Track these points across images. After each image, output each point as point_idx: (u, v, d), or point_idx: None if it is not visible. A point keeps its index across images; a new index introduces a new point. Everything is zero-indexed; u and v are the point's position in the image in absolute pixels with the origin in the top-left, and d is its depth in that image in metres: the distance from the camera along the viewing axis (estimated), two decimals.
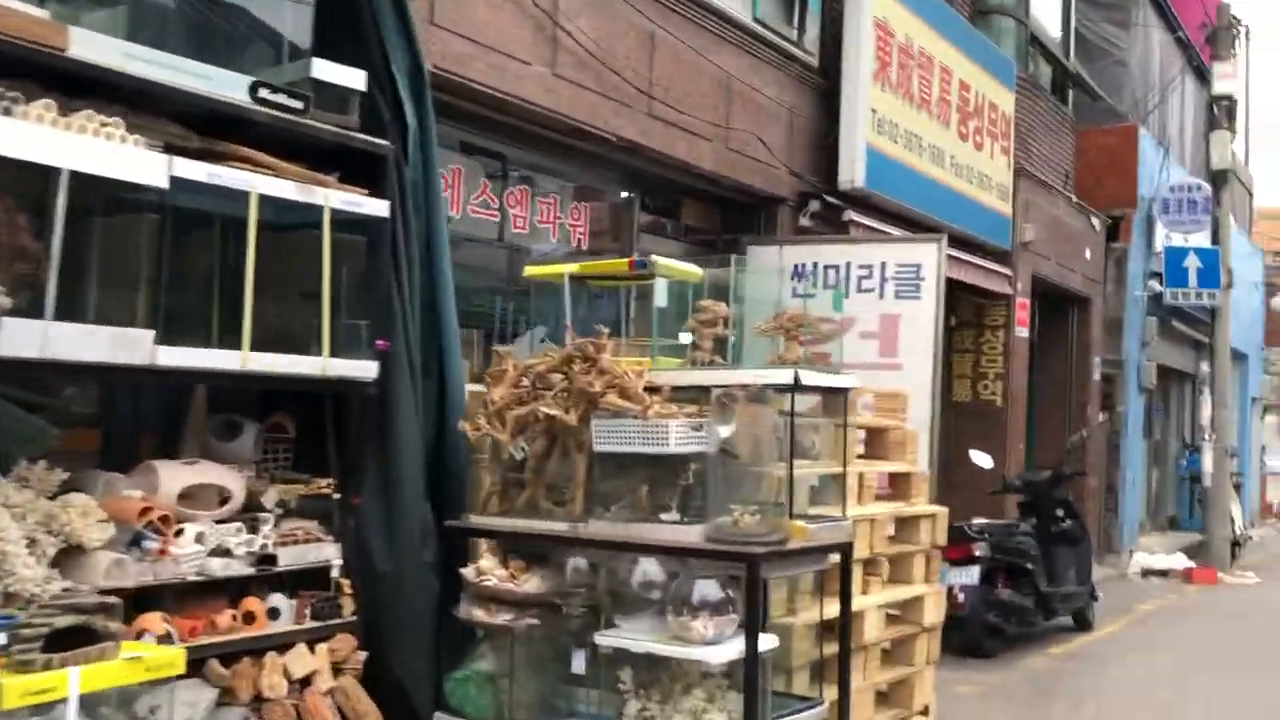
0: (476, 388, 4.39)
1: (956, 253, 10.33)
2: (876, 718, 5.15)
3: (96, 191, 3.27)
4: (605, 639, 3.70)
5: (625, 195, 8.27)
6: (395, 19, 4.29)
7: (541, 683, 4.01)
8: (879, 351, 8.47)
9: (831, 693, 4.14)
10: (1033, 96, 13.05)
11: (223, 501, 3.74)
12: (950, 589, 8.52)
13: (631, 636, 3.65)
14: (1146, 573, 14.60)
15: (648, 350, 4.37)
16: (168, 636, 3.39)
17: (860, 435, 5.56)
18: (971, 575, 8.56)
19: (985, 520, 9.18)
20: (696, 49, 7.79)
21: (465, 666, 4.13)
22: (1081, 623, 9.93)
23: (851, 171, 9.03)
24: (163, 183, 3.31)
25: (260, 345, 3.64)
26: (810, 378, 3.80)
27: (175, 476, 3.59)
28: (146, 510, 3.40)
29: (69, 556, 3.22)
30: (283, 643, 3.75)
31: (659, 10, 7.43)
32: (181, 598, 3.63)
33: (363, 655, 3.92)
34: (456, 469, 4.41)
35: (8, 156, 2.94)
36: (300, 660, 3.74)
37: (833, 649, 4.89)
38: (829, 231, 9.02)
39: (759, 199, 8.83)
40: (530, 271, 4.53)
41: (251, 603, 3.70)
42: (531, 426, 4.09)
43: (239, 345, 3.53)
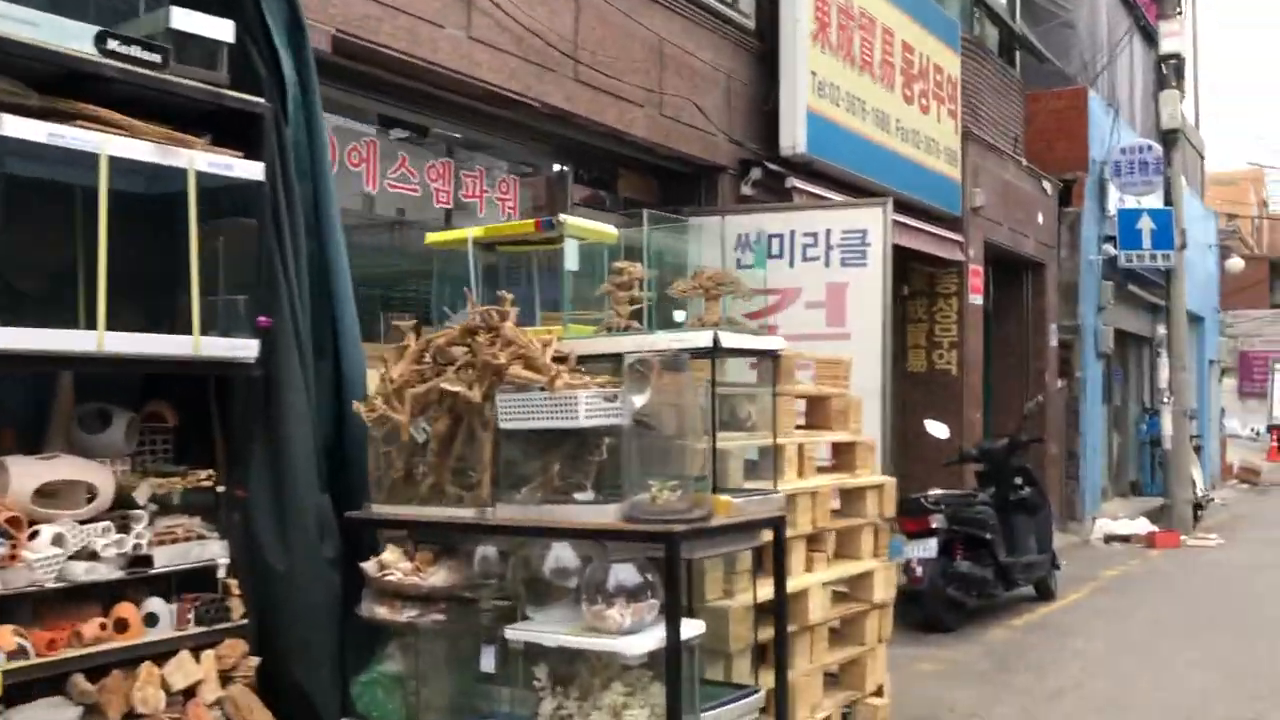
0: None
1: (905, 219, 10.08)
2: (826, 701, 4.86)
3: None
4: (515, 633, 3.39)
5: (557, 168, 7.94)
6: None
7: (454, 683, 3.69)
8: (826, 321, 8.19)
9: (770, 679, 3.85)
10: (979, 59, 12.80)
11: (90, 500, 3.39)
12: (907, 562, 8.31)
13: (542, 630, 3.34)
14: (1109, 539, 14.48)
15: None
16: (21, 651, 3.05)
17: (800, 405, 5.27)
18: (929, 548, 8.32)
19: (942, 491, 8.94)
20: (625, 11, 7.46)
21: (372, 669, 3.81)
22: (1044, 592, 9.72)
23: (793, 137, 8.73)
24: None
25: (121, 325, 3.30)
26: (731, 340, 3.50)
27: (28, 473, 3.23)
28: None
29: None
30: (163, 651, 3.41)
31: None
32: (45, 607, 3.29)
33: (254, 661, 3.59)
34: (357, 456, 4.07)
35: None
36: (182, 670, 3.40)
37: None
38: (772, 200, 8.73)
39: (699, 168, 8.52)
40: (431, 239, 4.19)
41: (124, 609, 3.36)
42: (433, 406, 3.76)
43: (94, 325, 3.17)
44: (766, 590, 4.29)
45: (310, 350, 3.90)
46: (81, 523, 3.31)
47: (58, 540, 3.20)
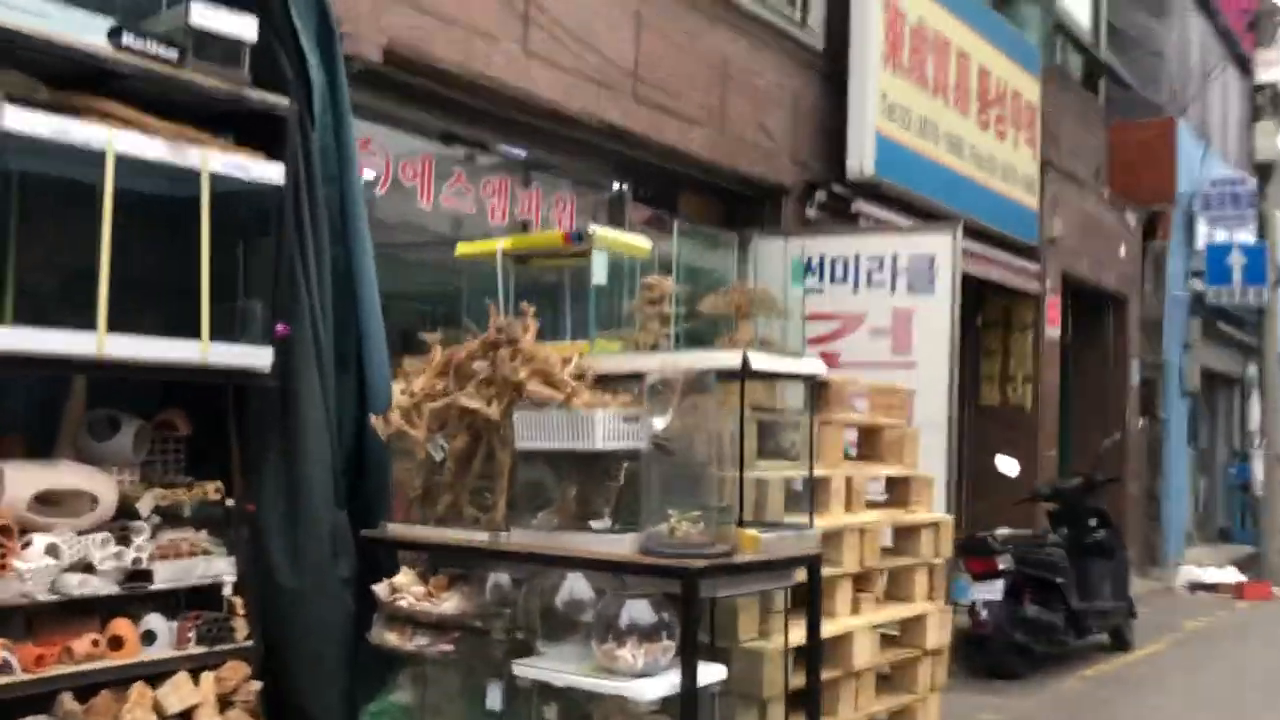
0: None
1: (979, 247, 9.76)
2: None
3: None
4: (523, 670, 3.17)
5: (617, 187, 7.78)
6: None
7: (465, 717, 3.49)
8: (891, 349, 7.92)
9: None
10: (1061, 87, 12.40)
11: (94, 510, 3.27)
12: (972, 605, 7.94)
13: (550, 667, 3.12)
14: (1194, 587, 13.81)
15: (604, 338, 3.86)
16: (6, 666, 2.92)
17: (852, 435, 5.01)
18: (995, 590, 7.92)
19: (1010, 530, 8.54)
20: (687, 29, 7.28)
21: (383, 698, 3.63)
22: (1119, 642, 9.24)
23: (860, 159, 8.46)
24: None
25: (134, 330, 3.19)
26: (762, 362, 3.26)
27: (26, 479, 3.11)
28: None
29: None
30: (160, 671, 3.26)
31: None
32: (41, 621, 3.16)
33: (256, 685, 3.42)
34: (379, 472, 3.91)
35: None
36: (178, 692, 3.25)
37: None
38: (838, 223, 8.47)
39: (762, 189, 8.29)
40: (462, 250, 4.03)
41: (120, 625, 3.22)
42: (453, 422, 3.59)
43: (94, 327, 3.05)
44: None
45: (331, 361, 3.75)
46: (80, 533, 3.19)
47: (52, 550, 3.07)
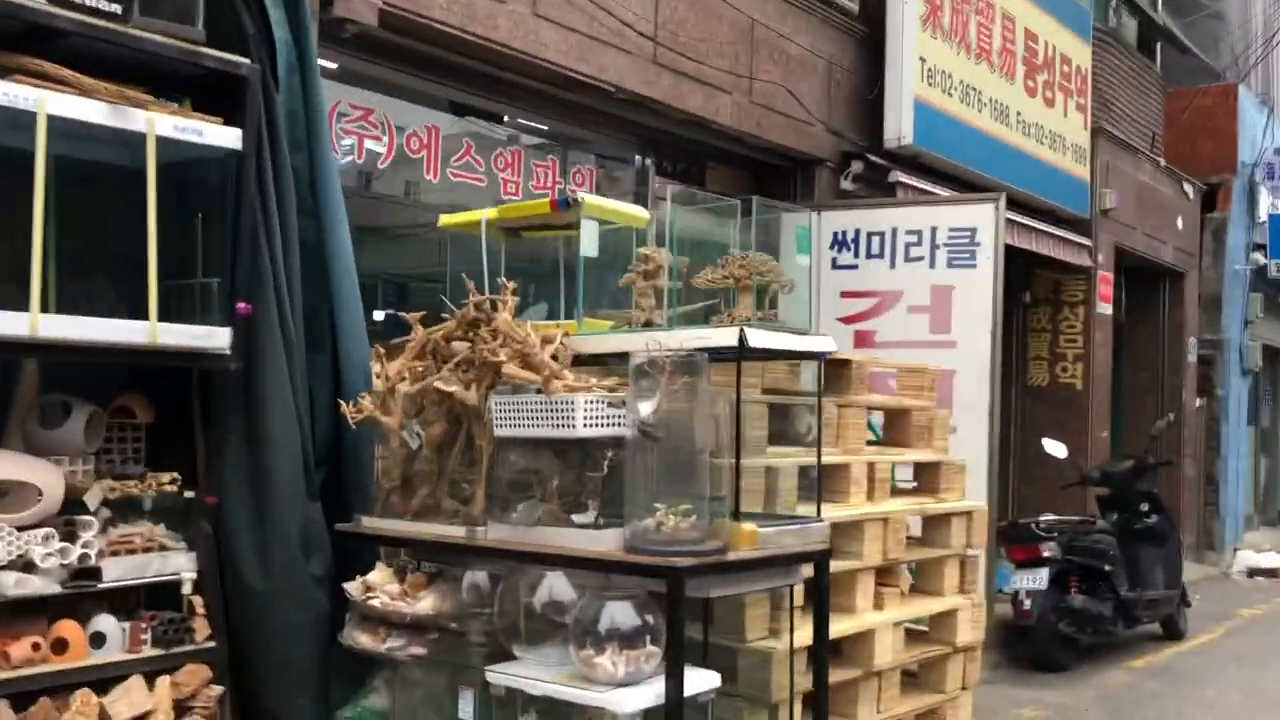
0: None
1: (1025, 219, 9.31)
2: None
3: None
4: (497, 676, 2.90)
5: (640, 160, 7.46)
6: None
7: None
8: (930, 327, 7.55)
9: None
10: (1114, 51, 11.85)
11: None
12: (1015, 594, 7.58)
13: (525, 674, 2.84)
14: (1253, 573, 13.27)
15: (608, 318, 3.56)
16: None
17: (878, 418, 4.68)
18: (1039, 579, 7.54)
19: (1055, 516, 8.14)
20: None
21: (356, 702, 3.38)
22: (1171, 631, 8.81)
23: (898, 128, 8.06)
24: None
25: (72, 309, 2.94)
26: (762, 339, 2.95)
27: None
28: None
29: None
30: (110, 676, 3.03)
31: None
32: None
33: (217, 690, 3.18)
34: (357, 462, 3.65)
35: None
36: (128, 697, 3.01)
37: (837, 674, 4.04)
38: (875, 195, 8.09)
39: (794, 160, 7.93)
40: (445, 220, 3.74)
41: (64, 627, 2.99)
42: (429, 407, 3.31)
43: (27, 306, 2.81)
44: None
45: (301, 342, 3.49)
46: (21, 529, 2.95)
47: None
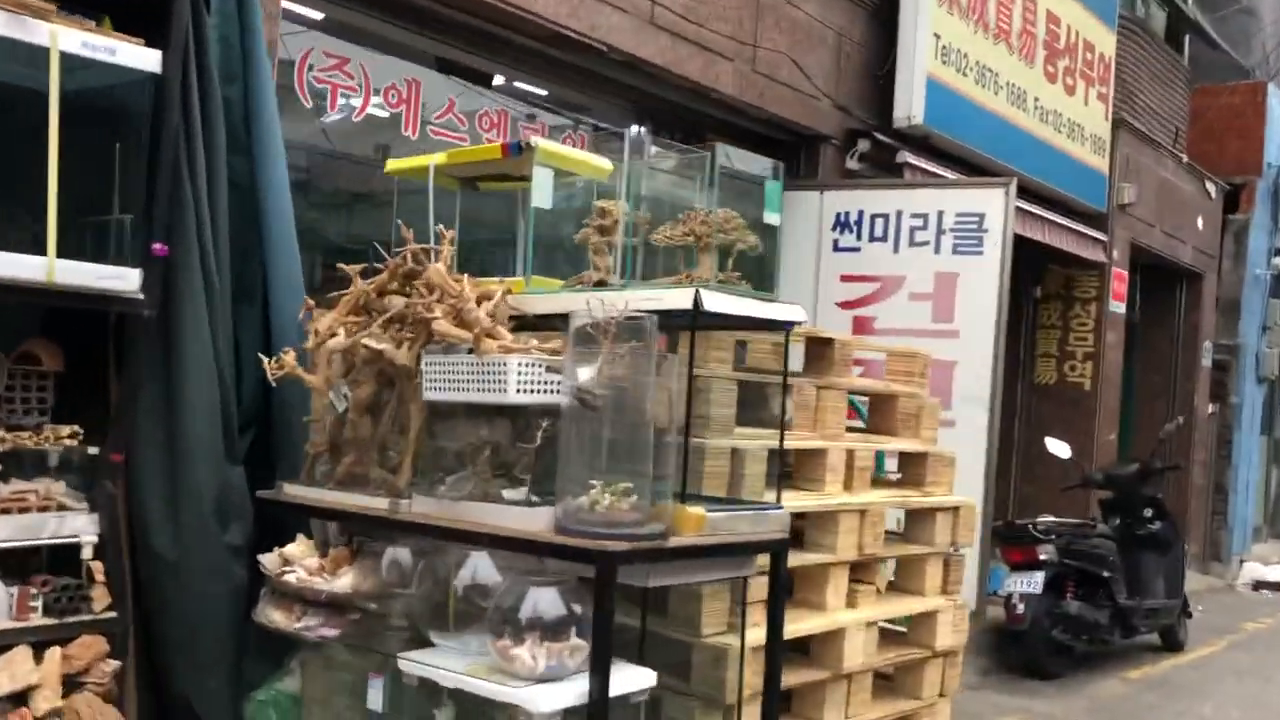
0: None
1: (1037, 209, 8.97)
2: None
3: None
4: (409, 664, 2.62)
5: (635, 129, 7.13)
6: None
7: (355, 711, 2.95)
8: (932, 315, 7.23)
9: None
10: (1139, 41, 11.48)
11: None
12: (1008, 597, 7.28)
13: (439, 664, 2.56)
14: (1258, 585, 12.94)
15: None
16: None
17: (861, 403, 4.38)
18: (1034, 582, 7.24)
19: (1053, 519, 7.83)
20: None
21: (271, 685, 3.11)
22: (1170, 642, 8.50)
23: (909, 106, 7.72)
24: None
25: None
26: (720, 303, 2.65)
27: None
28: None
29: None
30: None
31: None
32: None
33: (113, 665, 2.91)
34: (288, 425, 3.36)
35: None
36: (10, 669, 2.75)
37: (803, 675, 3.77)
38: (882, 176, 7.76)
39: (798, 136, 7.60)
40: (392, 166, 3.45)
41: None
42: (360, 367, 3.03)
43: None
44: (794, 626, 3.47)
45: (226, 291, 3.21)
46: None
47: None
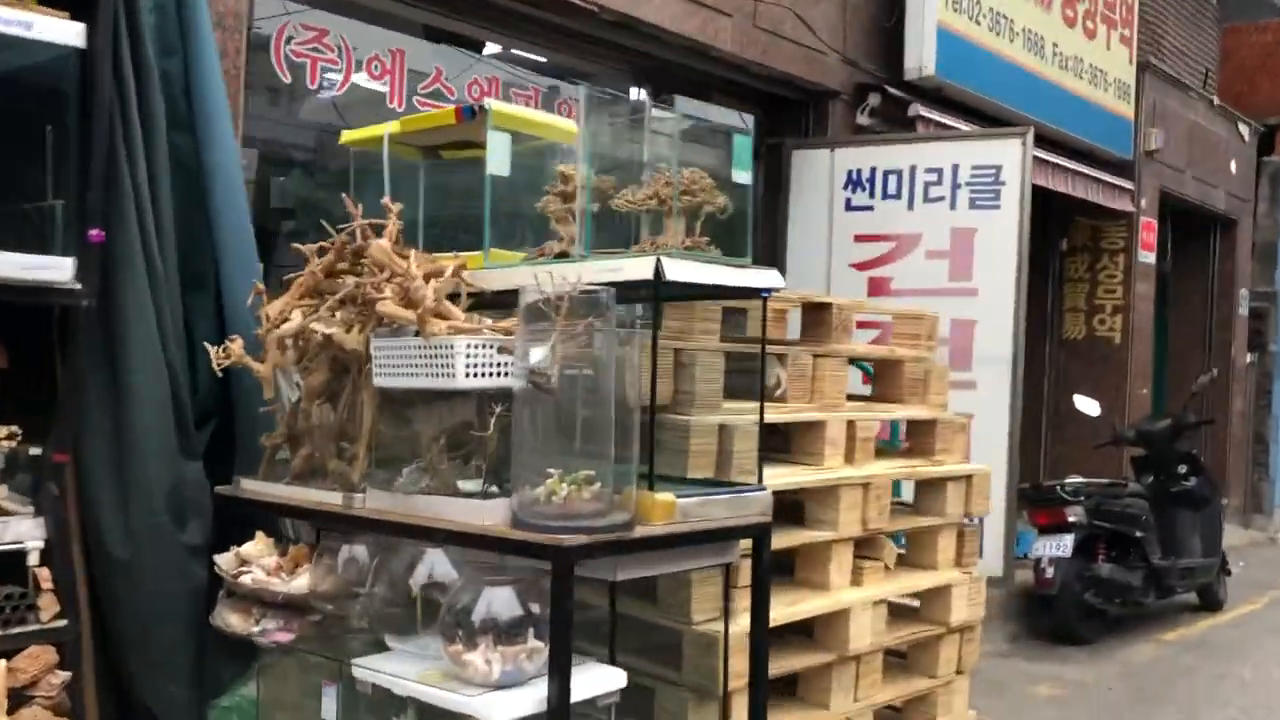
0: None
1: (1059, 159, 8.67)
2: None
3: None
4: (362, 671, 2.45)
5: (636, 92, 6.90)
6: None
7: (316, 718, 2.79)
8: (949, 274, 6.99)
9: None
10: None
11: None
12: (1037, 561, 7.06)
13: (388, 672, 2.39)
14: None
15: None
16: None
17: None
18: (1063, 545, 7.01)
19: (1082, 479, 7.58)
20: None
21: (234, 690, 2.96)
22: (1209, 601, 8.24)
23: (919, 57, 7.43)
24: None
25: None
26: (683, 271, 2.44)
27: None
28: None
29: None
30: None
31: None
32: None
33: (62, 677, 2.77)
34: (250, 417, 3.19)
35: None
36: None
37: (807, 659, 3.59)
38: (894, 132, 7.49)
39: (805, 93, 7.35)
40: (348, 137, 3.25)
41: None
42: (313, 353, 2.85)
43: None
44: (794, 608, 3.29)
45: (174, 278, 3.04)
46: None
47: None
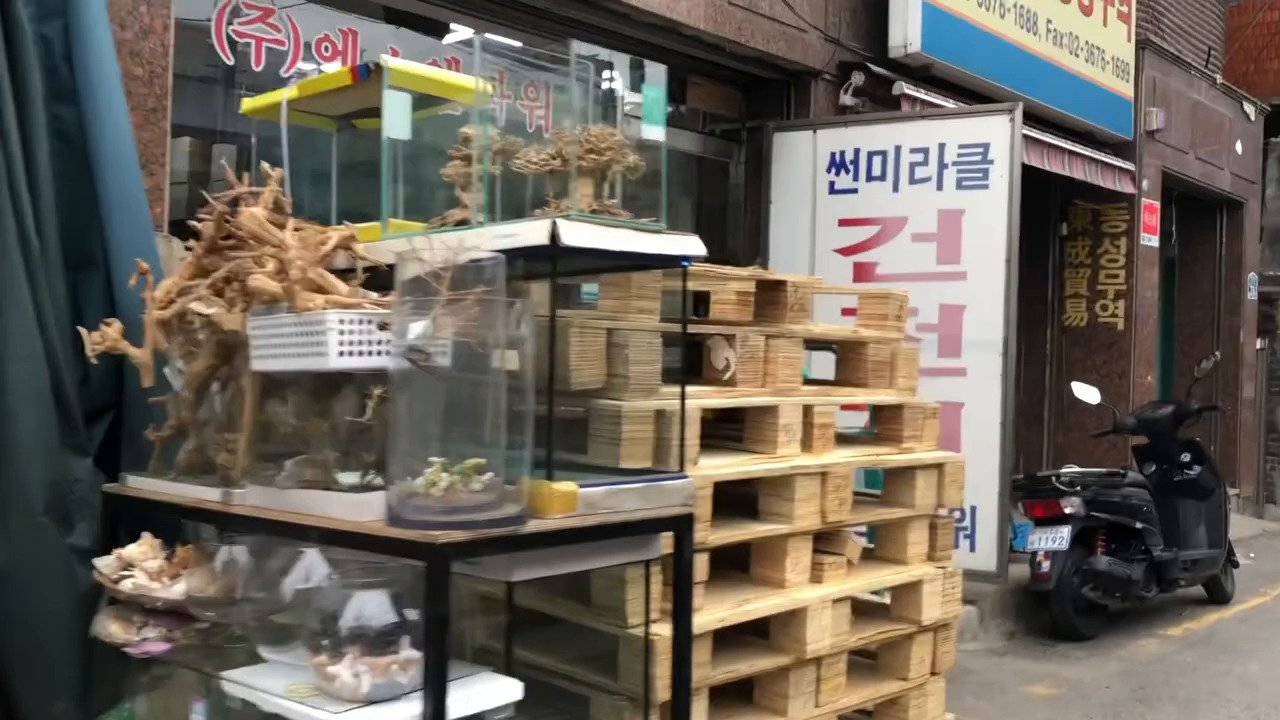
0: None
1: (1056, 139, 8.39)
2: None
3: None
4: (231, 685, 2.21)
5: (606, 74, 6.65)
6: None
7: None
8: (937, 257, 6.72)
9: None
10: None
11: None
12: (1033, 555, 6.78)
13: (255, 685, 2.15)
14: None
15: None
16: None
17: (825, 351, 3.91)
18: (1060, 538, 6.73)
19: (1078, 469, 7.30)
20: None
21: (122, 706, 2.72)
22: (1216, 594, 7.95)
23: (904, 34, 7.18)
24: None
25: None
26: (582, 235, 2.19)
27: None
28: None
29: None
30: None
31: None
32: None
33: None
34: (144, 409, 2.96)
35: None
36: None
37: (759, 663, 3.34)
38: (880, 111, 7.22)
39: (785, 72, 7.10)
40: (248, 106, 3.02)
41: None
42: (205, 337, 2.61)
43: None
44: (745, 608, 3.05)
45: (56, 258, 2.81)
46: None
47: None
